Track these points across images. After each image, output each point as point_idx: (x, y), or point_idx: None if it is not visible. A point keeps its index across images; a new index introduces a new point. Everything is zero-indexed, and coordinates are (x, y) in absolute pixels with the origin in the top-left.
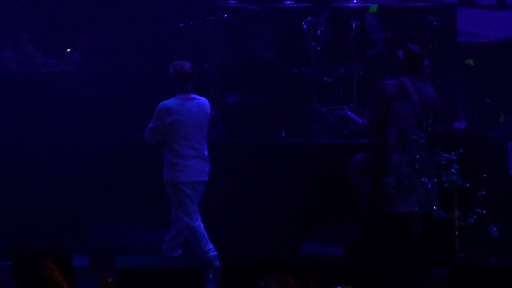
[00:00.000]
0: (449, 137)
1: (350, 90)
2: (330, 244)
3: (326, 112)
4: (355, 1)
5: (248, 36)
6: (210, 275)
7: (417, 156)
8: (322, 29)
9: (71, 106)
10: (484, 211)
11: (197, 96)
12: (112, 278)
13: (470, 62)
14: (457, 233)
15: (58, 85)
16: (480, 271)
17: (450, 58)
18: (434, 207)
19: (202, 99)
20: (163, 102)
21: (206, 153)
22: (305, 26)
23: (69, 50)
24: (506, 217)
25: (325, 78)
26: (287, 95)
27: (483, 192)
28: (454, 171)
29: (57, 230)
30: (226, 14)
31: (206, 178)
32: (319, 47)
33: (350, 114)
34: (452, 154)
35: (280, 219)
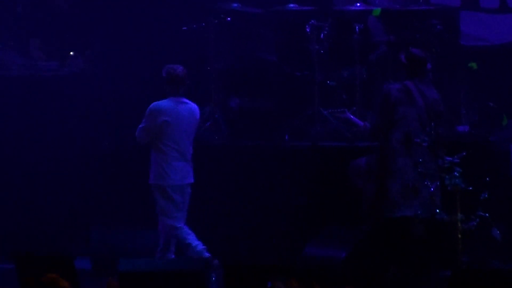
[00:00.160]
0: (452, 140)
1: (353, 93)
2: (333, 247)
3: (328, 115)
4: (359, 4)
5: (251, 39)
6: (213, 278)
7: (420, 159)
8: (325, 32)
9: (73, 109)
10: (487, 214)
11: (188, 100)
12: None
13: (473, 65)
14: (460, 236)
15: (60, 88)
16: (482, 274)
17: (453, 61)
18: (437, 210)
19: (193, 105)
20: (155, 102)
21: (190, 157)
22: (308, 29)
23: (72, 54)
24: (509, 220)
25: (328, 81)
26: (290, 98)
27: (486, 195)
28: (457, 174)
29: (58, 232)
30: (229, 17)
31: (192, 180)
32: (322, 50)
33: (351, 117)
34: (455, 157)
35: (283, 222)
